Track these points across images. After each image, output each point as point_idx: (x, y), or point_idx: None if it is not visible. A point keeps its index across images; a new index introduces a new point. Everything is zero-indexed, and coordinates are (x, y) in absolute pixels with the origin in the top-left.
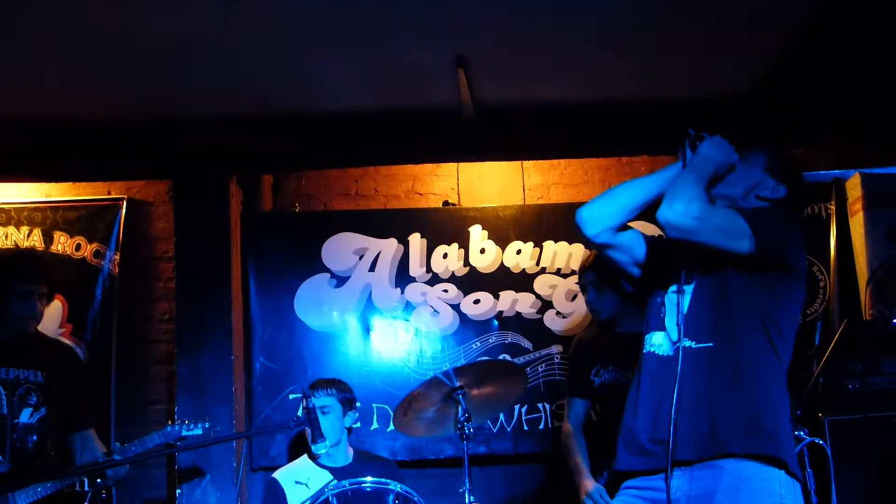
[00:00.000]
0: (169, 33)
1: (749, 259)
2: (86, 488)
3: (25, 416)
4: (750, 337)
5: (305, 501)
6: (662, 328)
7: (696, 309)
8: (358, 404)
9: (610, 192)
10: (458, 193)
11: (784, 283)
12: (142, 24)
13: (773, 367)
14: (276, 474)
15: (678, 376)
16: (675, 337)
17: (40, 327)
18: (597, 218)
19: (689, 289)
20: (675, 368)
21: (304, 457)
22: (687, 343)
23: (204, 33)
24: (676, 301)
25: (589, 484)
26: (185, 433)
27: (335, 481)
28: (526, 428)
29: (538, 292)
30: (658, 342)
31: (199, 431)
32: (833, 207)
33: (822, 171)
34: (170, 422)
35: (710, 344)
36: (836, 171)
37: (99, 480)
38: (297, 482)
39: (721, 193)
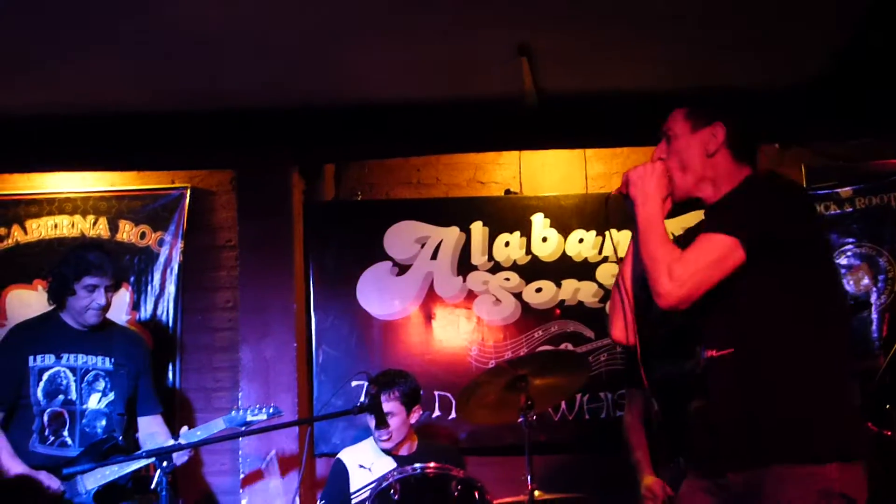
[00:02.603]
0: (231, 23)
1: (750, 260)
2: (152, 473)
3: (94, 402)
4: (778, 333)
5: (368, 485)
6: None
7: (714, 315)
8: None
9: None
10: (520, 182)
11: (797, 256)
12: (203, 16)
13: (810, 357)
14: (342, 454)
15: (709, 386)
16: (700, 347)
17: (108, 315)
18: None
19: (704, 295)
20: (705, 378)
21: (370, 440)
22: (709, 353)
23: (267, 23)
24: (693, 309)
25: (649, 479)
26: (249, 419)
27: (398, 467)
28: (587, 417)
29: (600, 281)
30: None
31: (264, 417)
32: None
33: (891, 160)
34: (235, 407)
35: (732, 350)
36: None
37: (165, 464)
38: (360, 465)
39: (692, 186)
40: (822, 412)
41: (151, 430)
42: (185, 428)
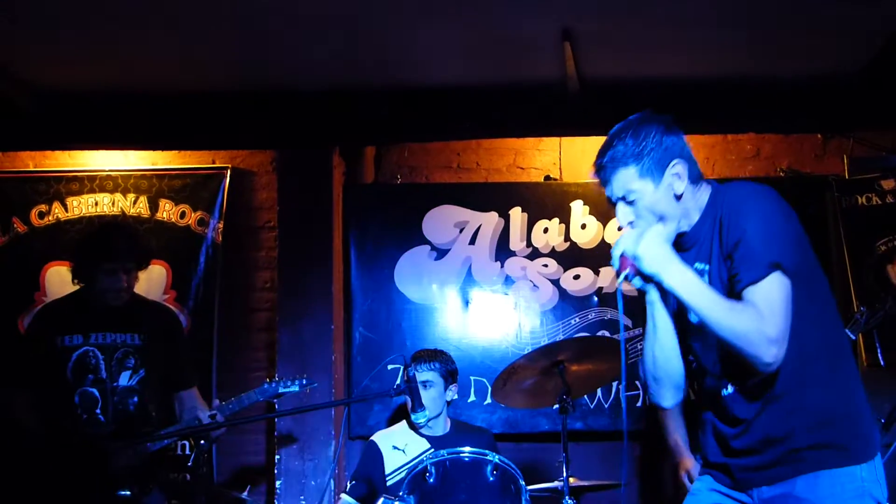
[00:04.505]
0: (274, 5)
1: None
2: (187, 451)
3: (125, 379)
4: (798, 343)
5: (402, 467)
6: (706, 371)
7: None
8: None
9: (655, 376)
10: (560, 168)
11: (809, 269)
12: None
13: (831, 363)
14: (375, 437)
15: (730, 409)
16: (717, 372)
17: (144, 292)
18: (677, 395)
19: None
20: (729, 398)
21: (404, 423)
22: (730, 388)
23: (309, 6)
24: (706, 346)
25: (688, 462)
26: (281, 390)
27: (433, 450)
28: (624, 405)
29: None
30: (704, 380)
31: (296, 388)
32: None
33: None
34: (268, 379)
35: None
36: None
37: (203, 442)
38: (394, 447)
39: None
40: (849, 420)
41: (188, 404)
42: (216, 401)
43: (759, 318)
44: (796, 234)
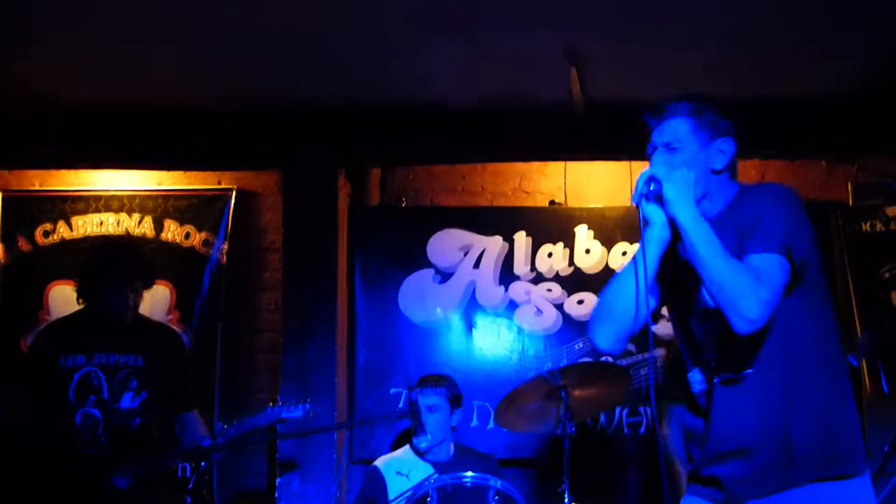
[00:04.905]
0: (281, 25)
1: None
2: (188, 473)
3: (127, 400)
4: (793, 352)
5: (405, 493)
6: (699, 363)
7: (729, 336)
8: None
9: (608, 312)
10: (565, 193)
11: (811, 280)
12: (255, 17)
13: (826, 370)
14: (378, 462)
15: (726, 412)
16: (712, 371)
17: (147, 313)
18: (617, 342)
19: (716, 318)
20: (722, 402)
21: (407, 448)
22: (727, 376)
23: (317, 26)
24: (707, 331)
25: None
26: (284, 415)
27: (436, 475)
28: (626, 431)
29: None
30: (700, 378)
31: (298, 414)
32: None
33: None
34: (270, 403)
35: (750, 370)
36: None
37: (204, 464)
38: (397, 472)
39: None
40: (844, 429)
41: (188, 427)
42: (219, 424)
43: (757, 278)
44: (810, 236)
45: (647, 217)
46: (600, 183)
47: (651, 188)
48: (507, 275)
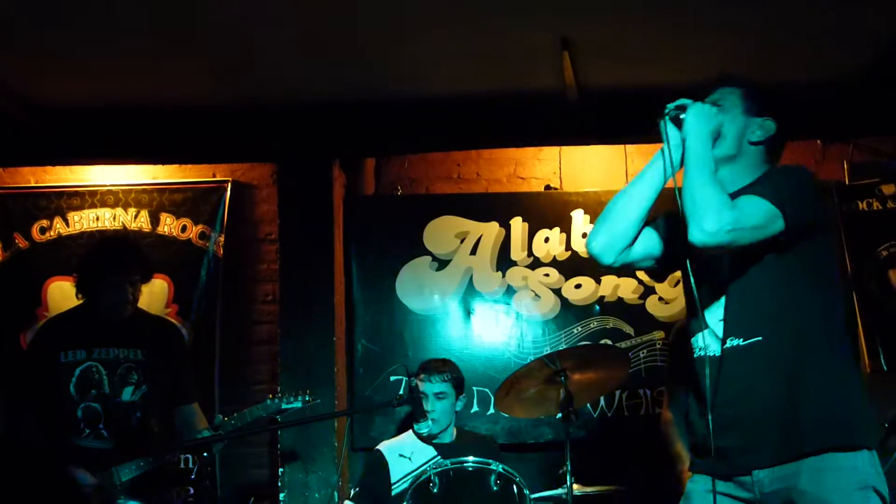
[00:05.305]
0: (275, 18)
1: (782, 236)
2: (190, 465)
3: (127, 394)
4: (803, 319)
5: (408, 475)
6: (705, 327)
7: (738, 302)
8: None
9: (610, 213)
10: (560, 178)
11: (819, 243)
12: (248, 11)
13: (832, 343)
14: (381, 446)
15: (732, 377)
16: (720, 334)
17: (145, 306)
18: (609, 247)
19: (726, 280)
20: (727, 369)
21: (409, 433)
22: (735, 342)
23: (310, 17)
24: (716, 296)
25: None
26: (284, 406)
27: (438, 457)
28: (626, 413)
29: (640, 277)
30: (704, 343)
31: (298, 404)
32: None
33: None
34: (270, 395)
35: (759, 338)
36: None
37: (206, 455)
38: (400, 455)
39: (716, 157)
40: (850, 400)
41: (188, 420)
42: (219, 416)
43: (730, 203)
44: (816, 207)
45: (664, 135)
46: (595, 167)
47: (676, 112)
48: (504, 261)
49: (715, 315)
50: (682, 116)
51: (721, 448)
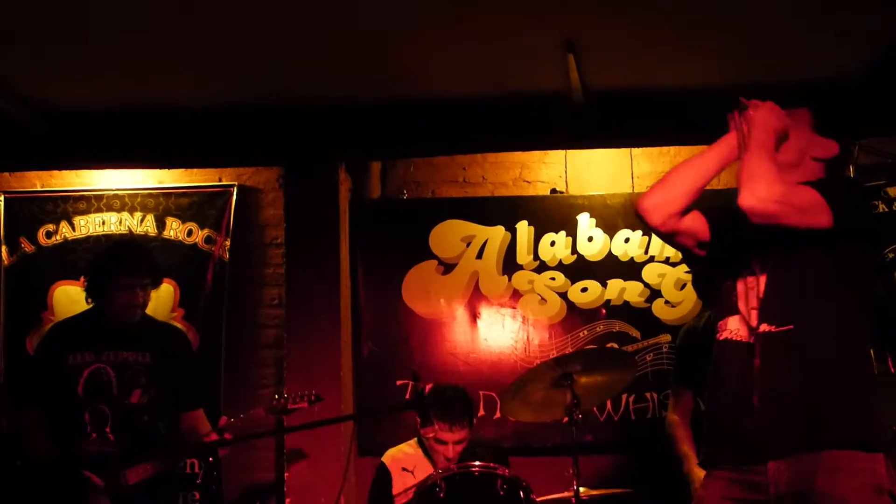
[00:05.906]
0: (282, 21)
1: (828, 234)
2: (196, 469)
3: (135, 398)
4: (835, 316)
5: (409, 490)
6: (737, 312)
7: (774, 290)
8: None
9: (669, 177)
10: (566, 181)
11: (862, 249)
12: (254, 14)
13: (860, 345)
14: (385, 458)
15: (760, 363)
16: (752, 321)
17: (153, 312)
18: (661, 206)
19: (764, 269)
20: (756, 355)
21: (414, 441)
22: (767, 329)
23: (316, 21)
24: (751, 283)
25: (700, 471)
26: (290, 406)
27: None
28: (633, 417)
29: (646, 281)
30: (734, 327)
31: (305, 405)
32: None
33: None
34: (276, 397)
35: (791, 327)
36: None
37: (211, 460)
38: (403, 469)
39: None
40: (872, 402)
41: (194, 425)
42: (224, 419)
43: (784, 181)
44: (863, 214)
45: (736, 126)
46: (601, 170)
47: (747, 108)
48: (509, 264)
49: (748, 303)
50: (752, 112)
51: (741, 434)
